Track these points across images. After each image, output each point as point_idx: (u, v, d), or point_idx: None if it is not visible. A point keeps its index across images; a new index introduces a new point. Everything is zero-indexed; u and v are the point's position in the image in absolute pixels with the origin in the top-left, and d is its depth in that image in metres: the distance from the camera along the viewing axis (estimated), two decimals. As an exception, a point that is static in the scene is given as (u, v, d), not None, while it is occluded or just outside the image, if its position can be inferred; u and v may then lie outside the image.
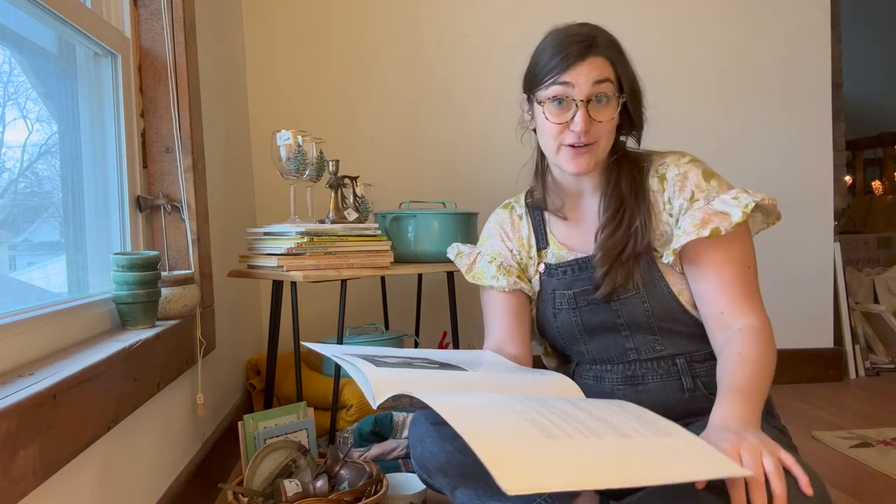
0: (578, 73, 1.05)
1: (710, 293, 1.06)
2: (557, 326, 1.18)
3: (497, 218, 1.30)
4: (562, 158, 1.10)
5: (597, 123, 1.06)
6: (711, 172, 1.11)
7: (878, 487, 1.52)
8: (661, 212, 1.12)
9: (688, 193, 1.09)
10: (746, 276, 1.05)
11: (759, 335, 1.01)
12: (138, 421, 1.10)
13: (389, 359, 0.98)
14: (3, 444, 0.65)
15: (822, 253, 2.46)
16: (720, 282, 1.05)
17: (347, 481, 1.28)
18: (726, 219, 1.02)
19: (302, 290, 2.20)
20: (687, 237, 1.04)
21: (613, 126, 1.09)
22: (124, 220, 1.32)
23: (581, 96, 1.05)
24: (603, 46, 1.07)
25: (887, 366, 2.62)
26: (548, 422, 0.74)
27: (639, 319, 1.11)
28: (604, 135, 1.08)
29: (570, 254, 1.18)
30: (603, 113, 1.06)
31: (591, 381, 1.17)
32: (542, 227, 1.23)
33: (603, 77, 1.06)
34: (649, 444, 0.75)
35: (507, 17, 2.31)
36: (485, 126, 2.31)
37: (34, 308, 0.96)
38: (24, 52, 1.12)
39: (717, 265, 1.05)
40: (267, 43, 2.25)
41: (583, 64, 1.05)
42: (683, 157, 1.13)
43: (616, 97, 1.07)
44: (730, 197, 1.05)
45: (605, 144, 1.09)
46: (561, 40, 1.09)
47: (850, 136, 4.07)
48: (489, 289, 1.22)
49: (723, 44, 2.39)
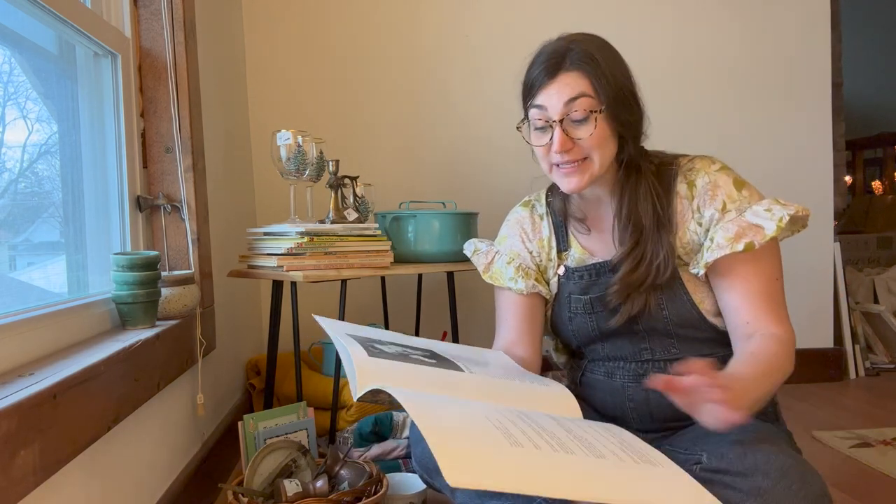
0: (549, 95, 1.03)
1: (736, 304, 1.04)
2: (573, 330, 1.17)
3: (517, 217, 1.26)
4: (555, 177, 1.08)
5: (579, 141, 1.03)
6: (742, 181, 1.08)
7: (878, 487, 1.52)
8: (688, 220, 1.08)
9: (719, 203, 1.05)
10: (774, 288, 1.03)
11: (779, 344, 0.99)
12: (138, 421, 1.10)
13: (388, 346, 0.96)
14: (3, 444, 0.65)
15: (822, 253, 2.46)
16: (748, 294, 1.02)
17: (347, 481, 1.28)
18: (760, 232, 1.00)
19: (302, 290, 2.20)
20: (721, 251, 1.01)
21: (601, 139, 1.03)
22: (124, 220, 1.32)
23: (555, 117, 1.02)
24: (576, 60, 1.02)
25: (887, 366, 2.62)
26: (519, 431, 0.72)
27: (657, 326, 1.10)
28: (593, 149, 1.03)
29: (591, 258, 1.15)
30: (580, 130, 1.03)
31: (601, 377, 1.16)
32: (564, 229, 1.20)
33: (575, 94, 1.01)
34: (623, 466, 0.72)
35: (508, 18, 2.31)
36: (485, 126, 2.31)
37: (34, 308, 0.96)
38: (24, 52, 1.12)
39: (747, 278, 1.03)
40: (267, 43, 2.25)
41: (553, 83, 1.03)
42: (714, 164, 1.09)
43: (595, 111, 1.02)
44: (762, 209, 1.02)
45: (599, 158, 1.04)
46: (534, 60, 1.07)
47: (850, 136, 4.07)
48: (505, 290, 1.19)
49: (722, 44, 2.39)
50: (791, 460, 0.88)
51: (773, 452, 0.89)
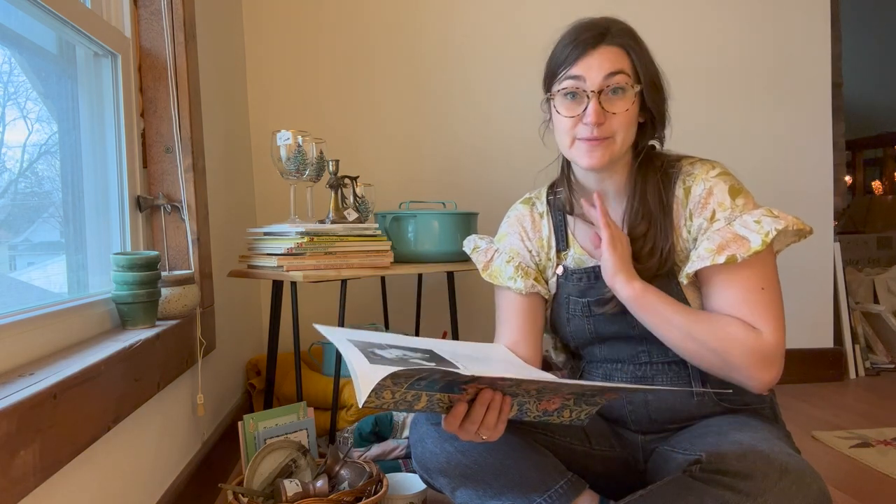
0: (589, 65, 1.01)
1: (720, 311, 1.02)
2: (570, 331, 1.17)
3: (517, 214, 1.24)
4: (575, 152, 1.05)
5: (611, 116, 1.02)
6: (739, 189, 1.05)
7: (878, 487, 1.52)
8: (680, 226, 1.07)
9: (708, 212, 1.04)
10: (760, 297, 0.99)
11: (742, 328, 0.97)
12: (138, 421, 1.10)
13: (388, 350, 0.97)
14: (3, 444, 0.65)
15: (822, 253, 2.46)
16: (731, 302, 1.00)
17: (347, 481, 1.28)
18: (745, 245, 0.98)
19: (302, 290, 2.20)
20: (701, 262, 1.00)
21: (631, 119, 1.04)
22: (124, 220, 1.32)
23: (593, 87, 1.01)
24: (616, 35, 1.03)
25: (887, 366, 2.62)
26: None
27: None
28: (620, 128, 1.03)
29: (590, 260, 1.14)
30: (617, 104, 1.02)
31: (599, 378, 1.16)
32: (564, 229, 1.18)
33: (616, 68, 1.01)
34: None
35: (508, 18, 2.31)
36: (485, 126, 2.31)
37: (34, 308, 0.96)
38: (24, 52, 1.12)
39: (728, 287, 1.01)
40: (267, 43, 2.25)
41: (594, 54, 1.02)
42: (713, 170, 1.07)
43: (632, 88, 1.02)
44: (752, 219, 1.00)
45: (622, 139, 1.04)
46: (571, 32, 1.06)
47: (850, 136, 4.07)
48: (505, 289, 1.18)
49: (722, 43, 2.39)
50: (791, 460, 0.88)
51: (772, 452, 0.89)
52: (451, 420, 0.87)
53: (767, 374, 0.97)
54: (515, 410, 0.90)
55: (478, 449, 1.01)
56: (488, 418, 0.86)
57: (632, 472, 1.14)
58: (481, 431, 0.87)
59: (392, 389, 0.81)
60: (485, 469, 1.01)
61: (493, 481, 1.01)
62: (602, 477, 1.11)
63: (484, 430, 0.87)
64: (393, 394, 0.82)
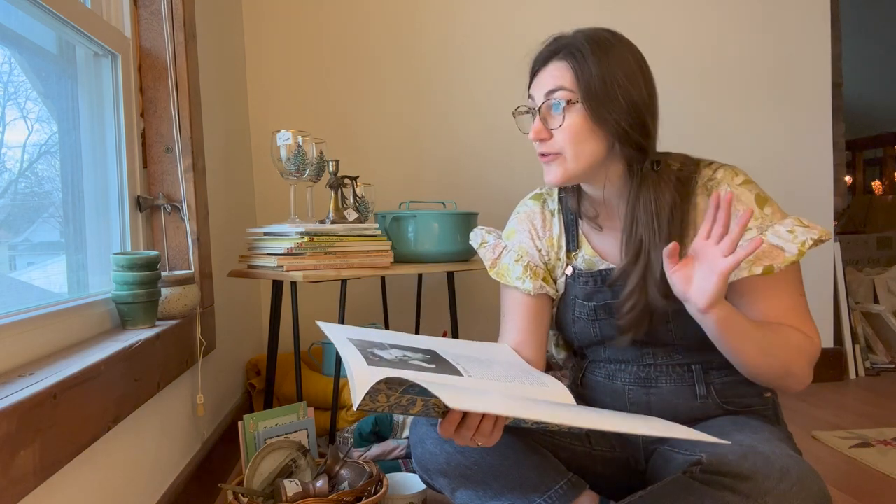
0: (537, 83, 1.05)
1: (761, 316, 1.01)
2: (576, 333, 1.16)
3: (527, 210, 1.21)
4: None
5: (556, 132, 1.01)
6: (765, 197, 1.03)
7: (878, 487, 1.52)
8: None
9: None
10: (799, 303, 1.01)
11: (801, 335, 0.98)
12: (138, 421, 1.10)
13: (388, 351, 0.96)
14: (3, 444, 0.65)
15: (822, 253, 2.46)
16: (771, 310, 1.00)
17: (347, 481, 1.28)
18: (780, 255, 0.97)
19: (302, 290, 2.21)
20: (738, 274, 0.99)
21: (575, 134, 1.00)
22: (124, 220, 1.32)
23: (537, 105, 1.04)
24: (565, 51, 1.02)
25: (887, 366, 2.62)
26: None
27: (661, 338, 1.08)
28: (567, 144, 1.01)
29: (601, 262, 1.12)
30: (553, 121, 1.02)
31: (602, 379, 1.16)
32: (576, 228, 1.16)
33: (556, 85, 1.01)
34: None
35: (508, 18, 2.31)
36: (485, 126, 2.31)
37: (34, 308, 0.96)
38: (24, 52, 1.12)
39: (770, 297, 1.01)
40: (267, 43, 2.25)
41: (543, 72, 1.04)
42: (737, 177, 1.05)
43: (572, 104, 0.99)
44: (785, 230, 0.99)
45: (572, 155, 1.01)
46: (535, 50, 1.08)
47: (850, 136, 4.08)
48: (512, 289, 1.16)
49: (722, 44, 2.39)
50: (791, 462, 0.88)
51: (773, 454, 0.89)
52: (447, 426, 0.86)
53: (811, 376, 1.00)
54: (513, 417, 0.89)
55: (478, 450, 1.01)
56: (484, 426, 0.85)
57: (632, 473, 1.14)
58: (477, 438, 0.86)
59: (387, 393, 0.80)
60: (484, 470, 1.01)
61: (492, 482, 1.01)
62: (602, 477, 1.11)
63: (479, 437, 0.86)
64: (388, 397, 0.81)
